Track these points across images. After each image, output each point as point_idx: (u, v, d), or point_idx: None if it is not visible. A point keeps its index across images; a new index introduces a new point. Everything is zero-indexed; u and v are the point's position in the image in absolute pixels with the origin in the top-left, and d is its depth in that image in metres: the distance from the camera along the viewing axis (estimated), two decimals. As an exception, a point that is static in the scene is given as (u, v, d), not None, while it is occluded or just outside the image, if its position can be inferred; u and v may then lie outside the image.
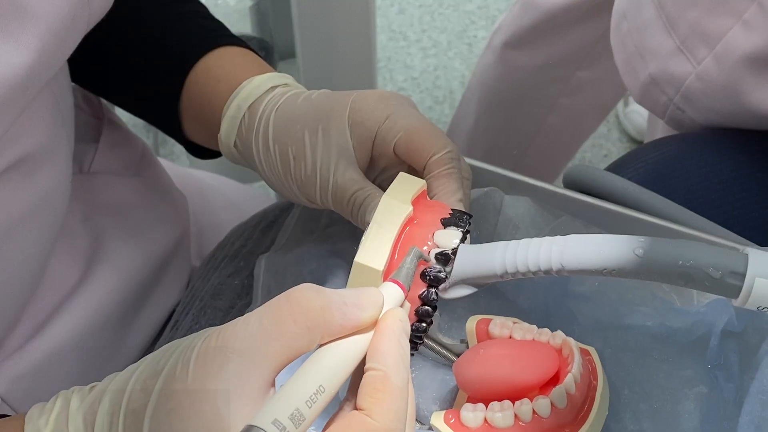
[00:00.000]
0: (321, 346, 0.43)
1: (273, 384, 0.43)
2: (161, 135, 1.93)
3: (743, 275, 0.47)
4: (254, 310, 0.43)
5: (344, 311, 0.43)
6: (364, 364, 0.44)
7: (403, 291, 0.48)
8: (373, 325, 0.45)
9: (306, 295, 0.43)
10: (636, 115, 2.00)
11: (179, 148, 1.97)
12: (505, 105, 1.50)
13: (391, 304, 0.46)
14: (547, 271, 0.52)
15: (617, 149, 2.03)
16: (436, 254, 0.55)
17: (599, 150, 2.03)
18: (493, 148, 1.56)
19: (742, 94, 0.81)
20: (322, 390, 0.41)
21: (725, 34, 0.81)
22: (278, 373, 0.42)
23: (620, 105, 2.05)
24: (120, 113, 0.86)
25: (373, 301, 0.44)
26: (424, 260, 0.54)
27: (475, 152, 1.57)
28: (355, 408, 0.42)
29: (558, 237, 0.52)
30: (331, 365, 0.43)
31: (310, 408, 0.41)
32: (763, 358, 0.57)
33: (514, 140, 1.55)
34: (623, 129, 2.05)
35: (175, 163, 1.07)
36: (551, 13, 1.35)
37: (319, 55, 1.34)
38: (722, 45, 0.81)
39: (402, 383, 0.43)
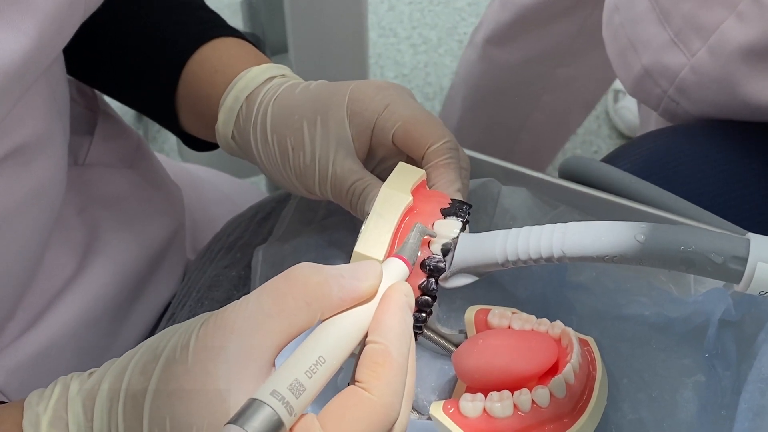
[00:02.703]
0: (323, 322, 0.43)
1: (273, 364, 0.42)
2: (151, 129, 1.93)
3: (745, 260, 0.47)
4: (253, 291, 0.43)
5: (342, 284, 0.43)
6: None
7: (408, 266, 0.48)
8: (373, 296, 0.44)
9: (303, 271, 0.43)
10: (626, 111, 2.00)
11: (169, 144, 1.96)
12: (490, 102, 1.51)
13: (395, 279, 0.46)
14: (549, 259, 0.52)
15: (607, 145, 2.03)
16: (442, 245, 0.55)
17: (589, 146, 2.04)
18: (479, 144, 1.56)
19: (737, 86, 0.81)
20: (322, 361, 0.41)
21: (719, 26, 0.81)
22: (279, 351, 0.42)
23: (610, 101, 2.06)
24: (113, 106, 0.86)
25: (371, 271, 0.44)
26: (430, 236, 0.53)
27: (463, 148, 1.57)
28: (354, 381, 0.42)
29: (559, 224, 0.52)
30: (331, 336, 0.42)
31: (310, 378, 0.40)
32: (761, 347, 0.58)
33: (500, 137, 1.55)
34: (613, 125, 2.05)
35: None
36: (530, 8, 1.36)
37: (310, 50, 1.34)
38: (716, 37, 0.81)
39: (402, 358, 0.42)
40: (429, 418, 0.59)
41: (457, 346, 0.62)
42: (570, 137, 1.64)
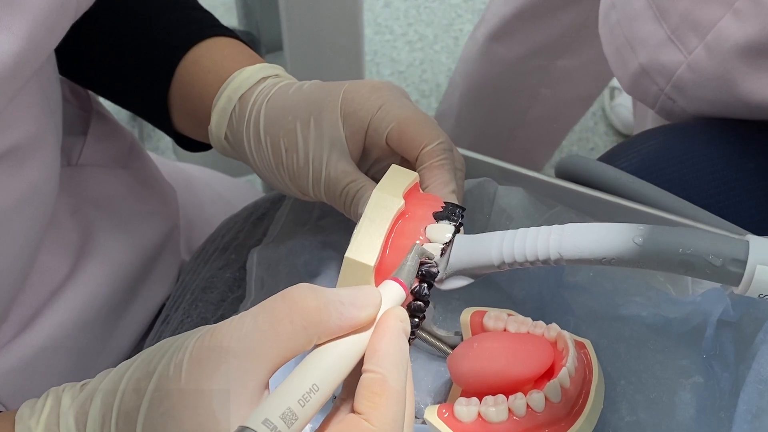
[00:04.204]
0: (318, 346, 0.43)
1: (267, 386, 0.42)
2: (146, 129, 1.92)
3: (744, 262, 0.46)
4: (249, 310, 0.43)
5: (341, 311, 0.42)
6: (362, 364, 0.43)
7: (405, 290, 0.47)
8: (371, 324, 0.44)
9: (302, 294, 0.42)
10: (622, 109, 2.00)
11: (164, 143, 1.96)
12: (489, 98, 1.50)
13: (391, 304, 0.46)
14: (545, 261, 0.52)
15: (604, 143, 2.03)
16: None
17: (586, 143, 2.03)
18: (477, 141, 1.56)
19: (734, 84, 0.81)
20: (316, 389, 0.41)
21: (716, 24, 0.81)
22: (273, 373, 0.42)
23: (606, 98, 2.05)
24: (106, 106, 0.85)
25: (371, 300, 0.44)
26: (427, 258, 0.53)
27: (460, 143, 1.56)
28: (352, 411, 0.41)
29: (556, 226, 0.52)
30: (326, 364, 0.42)
31: (302, 407, 0.40)
32: (759, 348, 0.57)
33: (499, 133, 1.54)
34: (610, 123, 2.05)
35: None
36: (533, 0, 1.35)
37: (306, 48, 1.33)
38: (713, 34, 0.81)
39: (400, 386, 0.42)
40: (424, 422, 0.58)
41: (452, 347, 0.61)
42: (567, 134, 1.63)
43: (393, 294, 0.47)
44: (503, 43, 1.42)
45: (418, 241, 0.53)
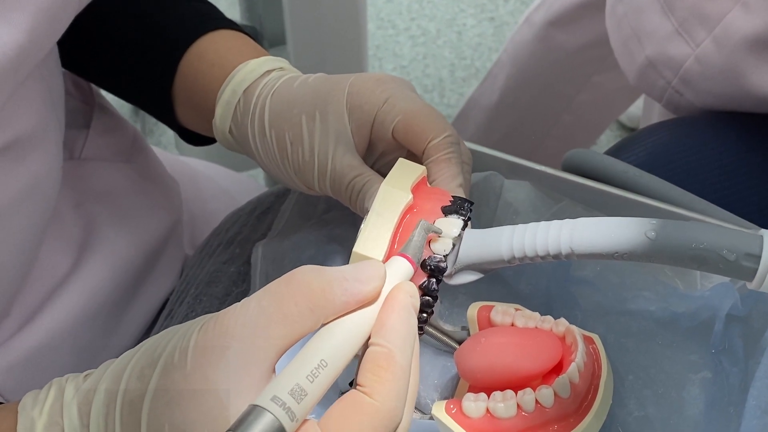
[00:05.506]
0: (325, 325, 0.42)
1: (274, 370, 0.41)
2: (148, 123, 1.92)
3: (759, 257, 0.46)
4: (253, 294, 0.42)
5: (345, 287, 0.42)
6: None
7: (412, 265, 0.47)
8: (377, 298, 0.44)
9: (306, 276, 0.42)
10: (627, 103, 1.99)
11: (167, 137, 1.95)
12: (537, 82, 1.46)
13: (399, 279, 0.45)
14: (557, 256, 0.51)
15: (607, 137, 2.02)
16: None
17: (590, 137, 2.03)
18: (516, 124, 1.53)
19: (742, 77, 0.80)
20: (324, 364, 0.40)
21: (724, 16, 0.80)
22: (280, 356, 0.41)
23: (611, 92, 2.04)
24: (109, 99, 0.85)
25: (374, 273, 0.43)
26: (435, 233, 0.52)
27: (497, 127, 1.53)
28: (356, 384, 0.41)
29: (567, 220, 0.51)
30: (333, 339, 0.41)
31: (311, 383, 0.39)
32: (769, 343, 0.57)
33: (541, 118, 1.51)
34: (614, 116, 2.04)
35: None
36: None
37: (309, 42, 1.33)
38: (721, 27, 0.81)
39: (406, 362, 0.42)
40: (431, 418, 0.58)
41: (459, 342, 0.61)
42: (612, 121, 1.60)
43: (401, 269, 0.46)
44: (564, 31, 1.39)
45: (422, 219, 0.52)
